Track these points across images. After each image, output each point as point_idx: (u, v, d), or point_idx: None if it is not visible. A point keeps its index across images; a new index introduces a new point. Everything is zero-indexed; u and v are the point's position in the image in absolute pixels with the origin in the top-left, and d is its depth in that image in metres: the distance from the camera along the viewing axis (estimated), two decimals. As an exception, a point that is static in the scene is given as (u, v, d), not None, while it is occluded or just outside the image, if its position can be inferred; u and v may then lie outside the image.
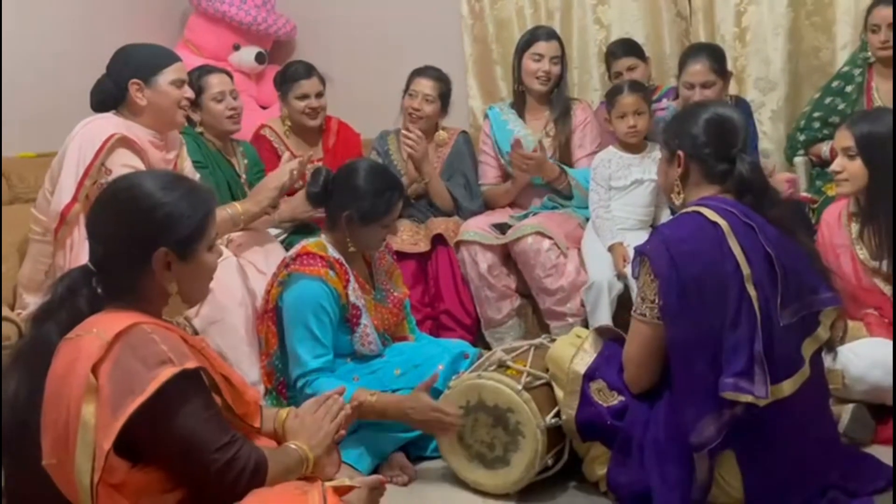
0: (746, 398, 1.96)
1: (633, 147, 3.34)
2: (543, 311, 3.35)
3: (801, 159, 3.61)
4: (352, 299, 2.55)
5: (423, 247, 3.44)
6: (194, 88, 2.96)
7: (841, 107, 3.47)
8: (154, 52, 2.77)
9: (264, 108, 4.35)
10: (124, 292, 1.62)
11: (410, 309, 2.93)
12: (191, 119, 3.19)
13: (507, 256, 3.44)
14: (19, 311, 2.71)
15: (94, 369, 1.48)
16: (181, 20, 4.50)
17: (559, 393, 2.27)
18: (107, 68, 2.74)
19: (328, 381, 2.41)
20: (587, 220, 3.43)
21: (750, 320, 1.98)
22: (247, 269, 2.88)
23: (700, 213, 2.08)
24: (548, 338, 2.59)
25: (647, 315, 2.09)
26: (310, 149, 3.58)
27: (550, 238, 3.29)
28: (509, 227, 3.44)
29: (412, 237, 3.46)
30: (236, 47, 4.37)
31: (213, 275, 1.74)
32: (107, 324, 1.53)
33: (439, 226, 3.49)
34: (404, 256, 3.34)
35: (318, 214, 2.95)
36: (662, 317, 2.05)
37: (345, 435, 1.99)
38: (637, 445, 2.13)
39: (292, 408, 1.96)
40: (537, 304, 3.38)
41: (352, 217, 2.55)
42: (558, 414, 2.27)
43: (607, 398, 2.19)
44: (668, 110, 3.52)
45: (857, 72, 3.47)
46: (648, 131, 3.32)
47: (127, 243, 1.62)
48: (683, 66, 3.35)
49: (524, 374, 2.32)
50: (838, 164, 2.62)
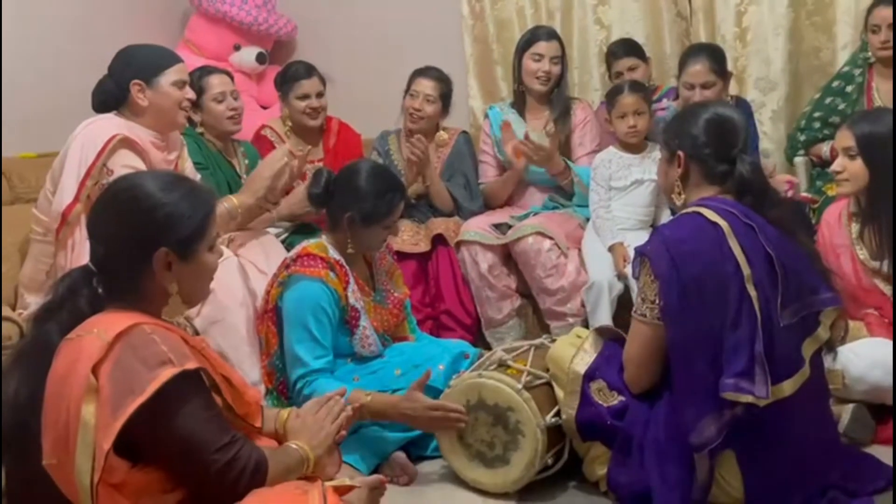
0: (747, 398, 1.96)
1: (633, 147, 3.34)
2: (544, 311, 3.35)
3: (801, 159, 3.60)
4: (351, 301, 2.55)
5: (424, 247, 3.44)
6: (195, 89, 2.96)
7: (841, 107, 3.47)
8: (156, 53, 2.77)
9: (265, 108, 4.35)
10: (125, 292, 1.62)
11: (411, 309, 2.93)
12: (191, 120, 3.19)
13: (508, 256, 3.43)
14: (20, 311, 2.71)
15: (95, 369, 1.48)
16: (182, 20, 4.50)
17: (559, 393, 2.27)
18: (109, 69, 2.74)
19: (327, 381, 2.41)
20: (587, 220, 3.43)
21: (750, 321, 1.98)
22: (248, 269, 2.87)
23: (700, 213, 2.08)
24: (548, 338, 2.59)
25: (648, 315, 2.09)
26: (309, 148, 3.58)
27: (551, 238, 3.29)
28: (510, 227, 3.44)
29: (412, 237, 3.46)
30: (237, 47, 4.37)
31: (213, 275, 1.75)
32: (107, 324, 1.54)
33: (440, 226, 3.49)
34: (405, 256, 3.34)
35: (315, 213, 2.95)
36: (663, 317, 2.05)
37: (345, 436, 1.99)
38: (637, 445, 2.13)
39: (293, 408, 1.96)
40: (538, 304, 3.38)
41: (353, 218, 2.55)
42: (558, 413, 2.27)
43: (607, 398, 2.19)
44: (668, 110, 3.52)
45: (857, 72, 3.47)
46: (649, 131, 3.32)
47: (128, 243, 1.62)
48: (683, 66, 3.35)
49: (524, 373, 2.32)
50: (839, 164, 2.62)
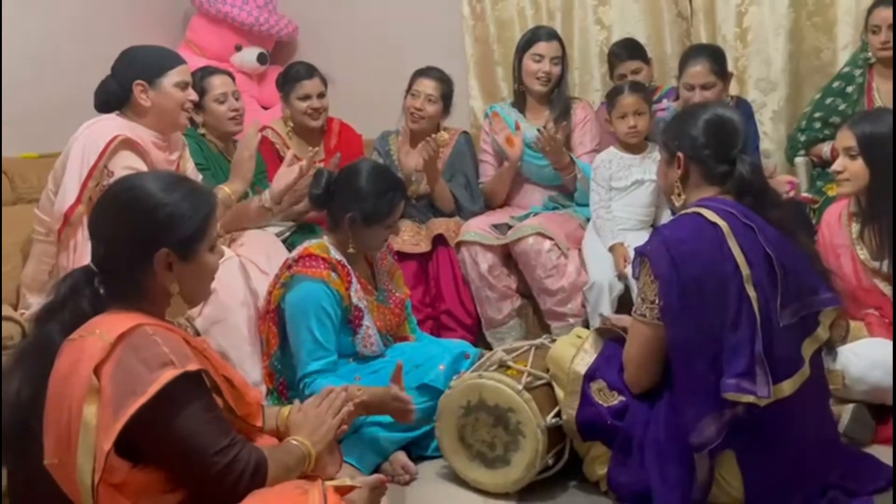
0: (749, 398, 1.96)
1: (633, 147, 3.34)
2: (544, 311, 3.35)
3: (801, 160, 3.60)
4: (354, 301, 2.56)
5: (424, 247, 3.44)
6: (196, 90, 2.96)
7: (842, 107, 3.47)
8: (159, 54, 2.77)
9: (266, 108, 4.36)
10: (127, 293, 1.62)
11: (412, 309, 2.93)
12: (193, 120, 3.19)
13: (508, 257, 3.44)
14: (22, 311, 2.72)
15: (97, 370, 1.48)
16: (183, 21, 4.50)
17: (560, 393, 2.27)
18: (112, 69, 2.74)
19: (328, 381, 2.40)
20: (588, 220, 3.43)
21: (750, 321, 1.98)
22: (249, 270, 2.87)
23: (700, 213, 2.08)
24: (548, 338, 2.59)
25: (648, 315, 2.10)
26: (312, 149, 3.58)
27: (551, 239, 3.29)
28: (510, 227, 3.44)
29: (413, 238, 3.46)
30: (238, 48, 4.38)
31: (214, 275, 1.75)
32: (109, 325, 1.54)
33: (440, 226, 3.49)
34: (405, 257, 3.34)
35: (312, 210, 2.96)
36: (663, 317, 2.06)
37: (347, 430, 2.00)
38: (637, 445, 2.13)
39: (296, 401, 1.97)
40: (538, 304, 3.38)
41: (355, 218, 2.56)
42: (559, 414, 2.27)
43: (608, 398, 2.20)
44: (668, 111, 3.52)
45: (857, 72, 3.47)
46: (649, 132, 3.33)
47: (129, 244, 1.62)
48: (683, 67, 3.34)
49: (525, 374, 2.32)
50: (840, 164, 2.62)
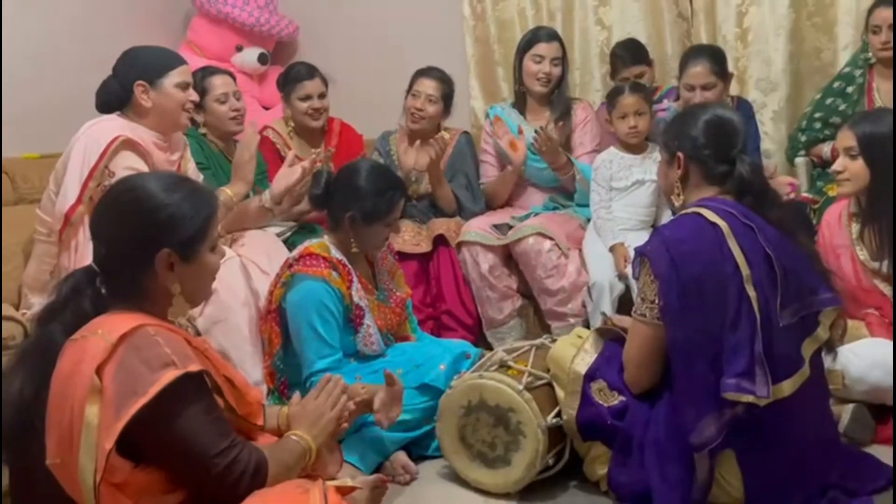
0: (749, 398, 1.96)
1: (634, 148, 3.34)
2: (545, 311, 3.35)
3: (802, 160, 3.60)
4: (355, 300, 2.56)
5: (425, 247, 3.44)
6: (197, 90, 2.96)
7: (842, 107, 3.47)
8: (160, 55, 2.78)
9: (267, 108, 4.36)
10: (128, 293, 1.63)
11: (412, 309, 2.94)
12: (194, 120, 3.19)
13: (509, 257, 3.44)
14: (24, 311, 2.72)
15: (99, 370, 1.49)
16: (184, 21, 4.50)
17: (560, 393, 2.27)
18: (113, 69, 2.75)
19: (330, 380, 2.42)
20: (588, 220, 3.43)
21: (750, 321, 1.98)
22: (250, 269, 2.88)
23: (700, 213, 2.08)
24: (549, 338, 2.59)
25: (648, 315, 2.10)
26: (315, 151, 3.58)
27: (551, 239, 3.29)
28: (510, 227, 3.44)
29: (414, 238, 3.47)
30: (239, 48, 4.38)
31: (215, 275, 1.76)
32: (111, 325, 1.55)
33: (441, 226, 3.49)
34: (406, 257, 3.34)
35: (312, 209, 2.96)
36: (662, 317, 2.06)
37: (348, 427, 2.00)
38: (637, 445, 2.13)
39: (296, 393, 1.97)
40: (538, 304, 3.38)
41: (355, 217, 2.56)
42: (559, 414, 2.27)
43: (608, 398, 2.20)
44: (668, 111, 3.52)
45: (858, 72, 3.47)
46: (649, 132, 3.33)
47: (130, 244, 1.63)
48: (684, 67, 3.35)
49: (525, 374, 2.32)
50: (840, 164, 2.62)
